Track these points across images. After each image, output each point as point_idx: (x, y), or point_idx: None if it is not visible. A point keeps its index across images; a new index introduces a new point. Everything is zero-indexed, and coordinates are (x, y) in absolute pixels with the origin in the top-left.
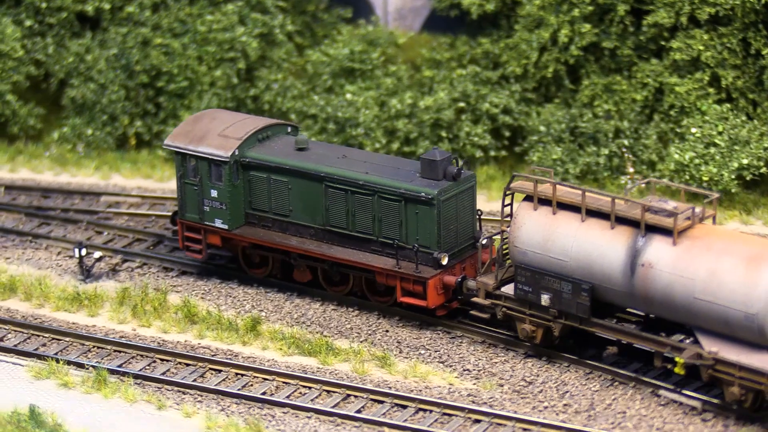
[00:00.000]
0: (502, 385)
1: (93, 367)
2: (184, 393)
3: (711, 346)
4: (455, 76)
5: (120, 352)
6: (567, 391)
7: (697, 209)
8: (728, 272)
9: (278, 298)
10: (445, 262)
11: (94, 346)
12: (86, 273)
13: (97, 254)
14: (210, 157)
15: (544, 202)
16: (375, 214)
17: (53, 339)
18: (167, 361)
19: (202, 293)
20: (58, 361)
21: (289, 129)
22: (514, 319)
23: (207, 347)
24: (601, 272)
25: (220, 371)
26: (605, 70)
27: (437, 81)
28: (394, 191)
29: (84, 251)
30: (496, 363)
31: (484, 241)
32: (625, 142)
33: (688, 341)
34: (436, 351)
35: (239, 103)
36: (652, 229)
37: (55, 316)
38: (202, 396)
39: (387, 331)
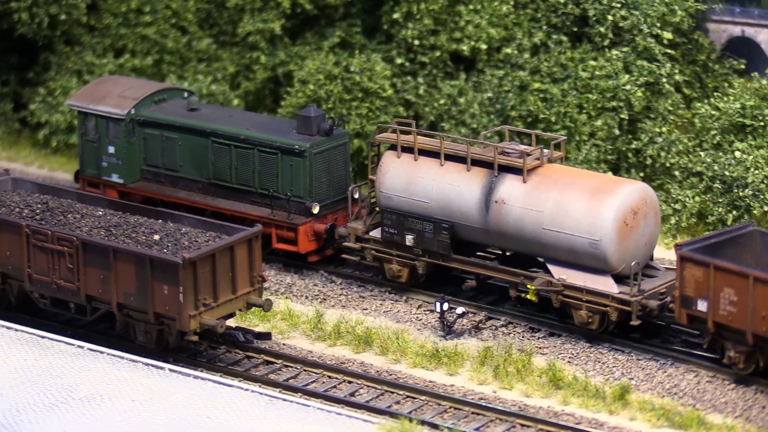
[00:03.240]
0: None
1: (448, 428)
2: None
3: (560, 274)
4: None
5: (478, 414)
6: None
7: (546, 151)
8: (574, 203)
9: (650, 366)
10: (316, 210)
11: (450, 407)
12: (447, 329)
13: (460, 310)
14: (108, 115)
15: (407, 150)
16: (254, 167)
17: (408, 397)
18: (528, 426)
19: (570, 357)
20: (411, 420)
21: (186, 94)
22: (382, 261)
23: (571, 414)
24: (459, 211)
25: None
26: None
27: None
28: (271, 144)
29: (446, 306)
30: None
31: (356, 195)
32: None
33: (539, 273)
34: None
35: (620, 156)
36: (505, 170)
37: (412, 373)
38: None
39: (764, 407)
